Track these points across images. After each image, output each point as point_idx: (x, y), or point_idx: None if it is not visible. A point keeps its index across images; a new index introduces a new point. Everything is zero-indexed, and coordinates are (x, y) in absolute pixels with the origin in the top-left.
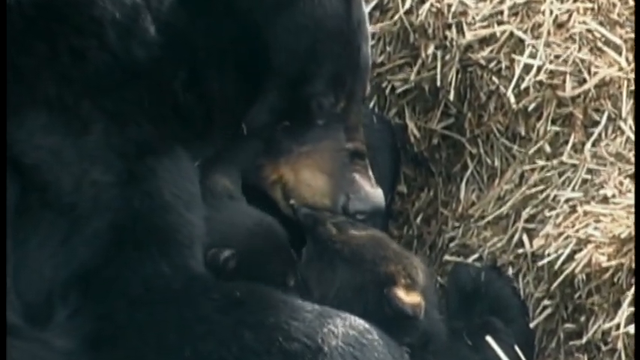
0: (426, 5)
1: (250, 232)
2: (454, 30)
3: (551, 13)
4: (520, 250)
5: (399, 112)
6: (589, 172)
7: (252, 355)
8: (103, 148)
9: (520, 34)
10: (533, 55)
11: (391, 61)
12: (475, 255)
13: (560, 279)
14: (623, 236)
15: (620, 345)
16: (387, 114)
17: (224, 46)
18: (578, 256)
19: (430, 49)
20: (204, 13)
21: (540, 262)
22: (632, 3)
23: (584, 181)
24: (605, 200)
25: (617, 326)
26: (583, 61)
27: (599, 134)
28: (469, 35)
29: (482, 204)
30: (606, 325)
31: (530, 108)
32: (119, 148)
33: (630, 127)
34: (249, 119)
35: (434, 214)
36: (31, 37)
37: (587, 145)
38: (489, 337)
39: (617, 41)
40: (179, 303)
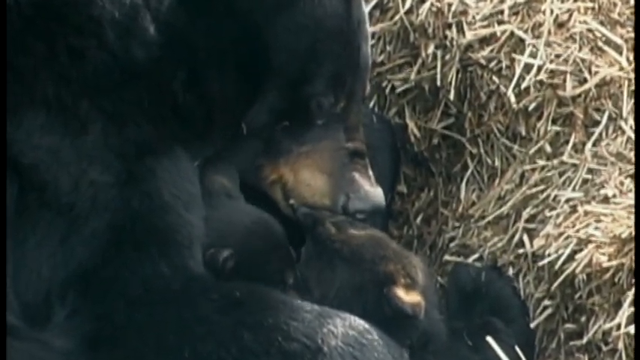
0: (426, 5)
1: (248, 231)
2: (454, 29)
3: (552, 12)
4: (520, 250)
5: (399, 111)
6: (590, 171)
7: (252, 356)
8: (101, 148)
9: (520, 33)
10: (533, 55)
11: (391, 61)
12: (475, 255)
13: (561, 279)
14: (623, 236)
15: (621, 345)
16: (387, 114)
17: (224, 46)
18: (578, 256)
19: (430, 48)
20: (204, 13)
21: (541, 262)
22: (632, 2)
23: (584, 181)
24: (606, 200)
25: (618, 326)
26: (584, 61)
27: (599, 134)
28: (469, 35)
29: (482, 204)
30: (607, 326)
31: (531, 108)
32: (118, 148)
33: (631, 127)
34: (248, 119)
35: (434, 214)
36: (30, 36)
37: (588, 145)
38: (490, 338)
39: (618, 41)
40: (178, 303)
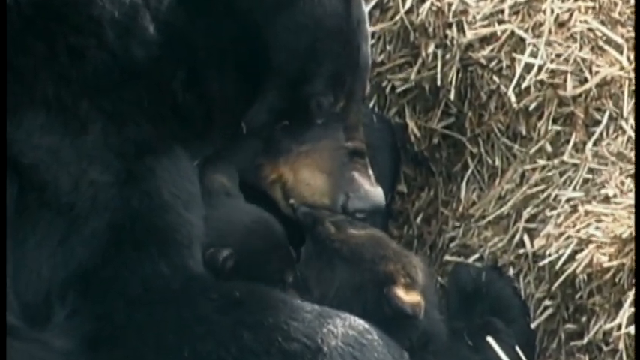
0: (427, 4)
1: (248, 230)
2: (455, 29)
3: (552, 12)
4: (521, 250)
5: (399, 111)
6: (590, 171)
7: (252, 356)
8: (101, 147)
9: (521, 33)
10: (534, 54)
11: (391, 61)
12: (476, 255)
13: (561, 279)
14: (624, 236)
15: (622, 345)
16: (387, 113)
17: (224, 46)
18: (579, 256)
19: (430, 48)
20: (203, 12)
21: (541, 262)
22: (633, 1)
23: (585, 181)
24: (607, 200)
25: (619, 326)
26: (584, 60)
27: (600, 134)
28: (470, 34)
29: (482, 204)
30: (607, 326)
31: (531, 107)
32: (118, 147)
33: (631, 127)
34: (248, 119)
35: (434, 213)
36: (30, 36)
37: (589, 145)
38: (490, 338)
39: (619, 40)
40: (178, 303)
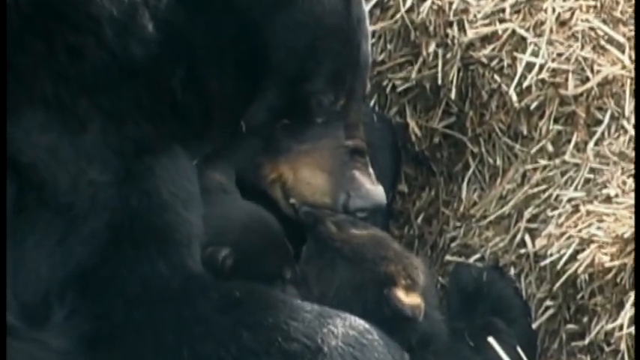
0: (427, 3)
1: (245, 226)
2: (455, 28)
3: (554, 10)
4: (522, 250)
5: (399, 110)
6: (592, 171)
7: (251, 356)
8: (100, 146)
9: (522, 32)
10: (535, 54)
11: (392, 60)
12: (477, 255)
13: (563, 279)
14: (626, 236)
15: (623, 346)
16: (388, 113)
17: (223, 44)
18: (580, 256)
19: (431, 47)
20: (202, 10)
21: (543, 262)
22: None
23: (586, 181)
24: (608, 200)
25: (620, 327)
26: (586, 60)
27: (602, 133)
28: (471, 33)
29: (483, 203)
30: (609, 326)
31: (533, 107)
32: (116, 146)
33: (634, 126)
34: (248, 117)
35: (435, 213)
36: (28, 35)
37: (590, 144)
38: (491, 338)
39: (620, 39)
40: (177, 303)
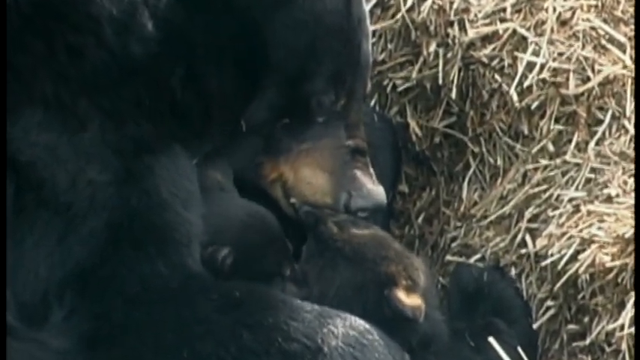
0: (428, 2)
1: (244, 224)
2: (456, 27)
3: (555, 10)
4: (523, 250)
5: (400, 110)
6: (593, 171)
7: (251, 356)
8: (99, 145)
9: (523, 31)
10: (536, 53)
11: (392, 59)
12: (477, 255)
13: (564, 279)
14: (627, 236)
15: (624, 346)
16: (389, 112)
17: (222, 43)
18: (581, 256)
19: (432, 46)
20: (202, 9)
21: (543, 263)
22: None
23: (587, 181)
24: (609, 200)
25: (621, 327)
26: (587, 59)
27: (602, 133)
28: (471, 33)
29: (484, 203)
30: (610, 326)
31: (534, 106)
32: (116, 145)
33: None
34: (248, 116)
35: (436, 213)
36: (28, 35)
37: (591, 144)
38: (492, 338)
39: (621, 39)
40: (177, 302)
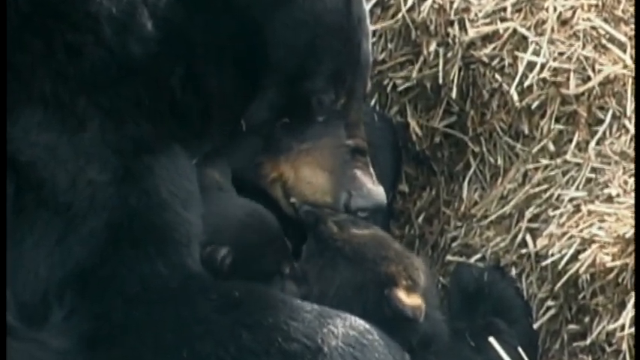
0: (428, 2)
1: (243, 224)
2: (456, 27)
3: (555, 9)
4: (523, 250)
5: (400, 110)
6: (593, 170)
7: (251, 356)
8: (99, 145)
9: (523, 31)
10: (536, 53)
11: (393, 59)
12: (478, 255)
13: (564, 279)
14: (627, 236)
15: (625, 346)
16: (389, 112)
17: (222, 42)
18: (582, 256)
19: (432, 46)
20: (201, 8)
21: (544, 262)
22: None
23: (588, 180)
24: (610, 199)
25: (622, 327)
26: (587, 59)
27: (603, 132)
28: (472, 32)
29: (485, 203)
30: (611, 326)
31: (534, 106)
32: (115, 145)
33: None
34: (248, 116)
35: (436, 213)
36: (27, 33)
37: (592, 144)
38: (492, 338)
39: (622, 38)
40: (176, 302)
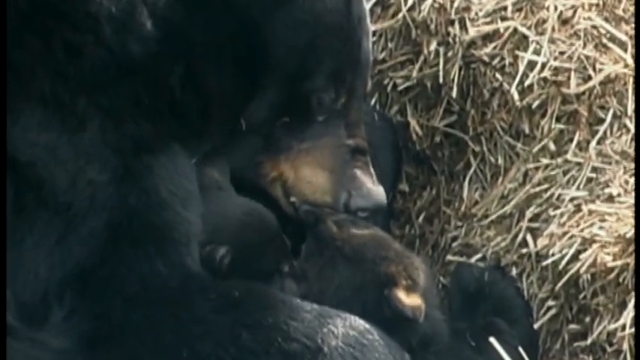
0: (429, 1)
1: (242, 223)
2: (457, 26)
3: (556, 8)
4: (524, 250)
5: (400, 109)
6: (594, 170)
7: (251, 356)
8: (98, 144)
9: (524, 30)
10: (537, 52)
11: (393, 58)
12: (478, 255)
13: (565, 279)
14: (628, 236)
15: (626, 346)
16: (389, 111)
17: (222, 42)
18: (582, 256)
19: (432, 45)
20: (201, 7)
21: (544, 262)
22: None
23: (588, 180)
24: (611, 199)
25: (623, 327)
26: (588, 58)
27: (604, 132)
28: (472, 31)
29: (485, 203)
30: (611, 326)
31: (535, 105)
32: (115, 144)
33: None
34: (247, 115)
35: (436, 213)
36: (27, 33)
37: (592, 143)
38: (493, 339)
39: (623, 37)
40: (176, 302)
